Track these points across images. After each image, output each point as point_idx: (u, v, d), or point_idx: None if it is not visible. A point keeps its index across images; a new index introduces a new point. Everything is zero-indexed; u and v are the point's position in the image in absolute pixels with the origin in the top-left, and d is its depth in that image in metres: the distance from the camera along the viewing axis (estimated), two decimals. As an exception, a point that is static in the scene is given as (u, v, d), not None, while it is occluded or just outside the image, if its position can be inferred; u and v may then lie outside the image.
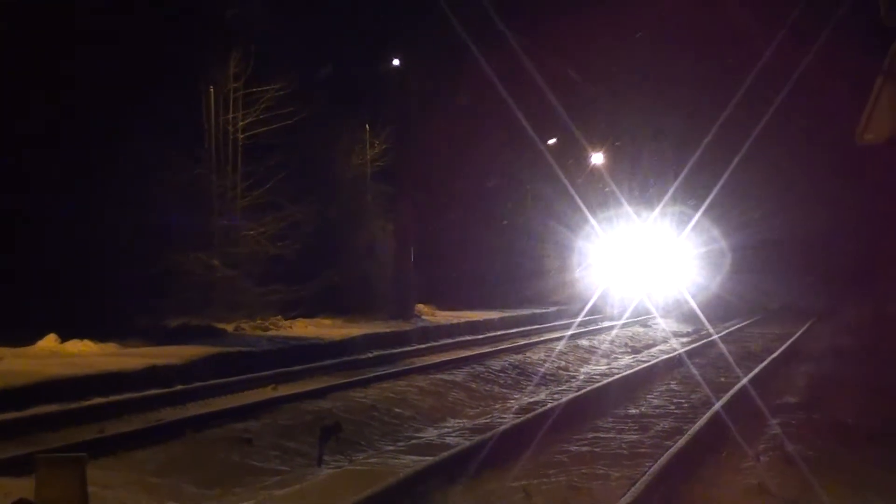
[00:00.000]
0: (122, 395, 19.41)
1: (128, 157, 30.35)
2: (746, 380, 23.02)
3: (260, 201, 36.75)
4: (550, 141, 49.74)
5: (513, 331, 39.22)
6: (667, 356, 29.75)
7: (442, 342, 33.82)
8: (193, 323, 30.45)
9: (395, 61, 42.76)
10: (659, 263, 51.56)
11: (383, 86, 43.20)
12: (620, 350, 33.93)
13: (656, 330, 40.21)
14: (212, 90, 35.50)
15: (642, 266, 51.00)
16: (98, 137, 29.53)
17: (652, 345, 35.50)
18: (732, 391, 20.99)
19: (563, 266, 53.47)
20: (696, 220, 47.34)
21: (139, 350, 24.49)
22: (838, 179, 46.63)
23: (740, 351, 32.82)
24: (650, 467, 13.58)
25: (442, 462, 13.88)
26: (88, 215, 29.57)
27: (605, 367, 28.83)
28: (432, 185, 46.51)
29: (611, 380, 24.43)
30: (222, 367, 23.66)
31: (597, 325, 40.20)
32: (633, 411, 20.10)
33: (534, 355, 29.66)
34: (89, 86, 28.97)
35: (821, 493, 12.28)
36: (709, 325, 37.45)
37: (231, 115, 36.30)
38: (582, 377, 26.50)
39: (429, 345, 32.75)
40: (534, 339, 34.53)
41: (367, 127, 43.48)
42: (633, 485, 12.53)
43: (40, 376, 19.47)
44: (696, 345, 33.76)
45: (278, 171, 36.48)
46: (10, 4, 26.48)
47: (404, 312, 40.98)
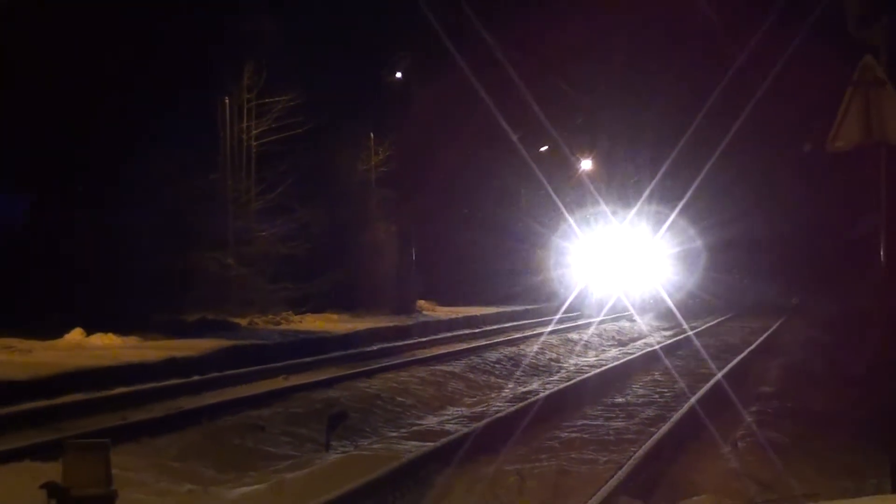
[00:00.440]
0: (144, 385, 19.37)
1: (150, 164, 30.36)
2: (724, 371, 23.01)
3: (272, 204, 36.82)
4: (542, 149, 49.68)
5: (507, 325, 39.23)
6: (650, 349, 29.71)
7: (441, 335, 33.81)
8: (210, 317, 30.45)
9: (398, 74, 42.80)
10: (636, 262, 50.56)
11: (386, 97, 43.24)
12: (608, 343, 33.93)
13: (636, 326, 39.44)
14: (227, 101, 35.55)
15: (620, 265, 49.90)
16: (122, 146, 29.55)
17: (636, 338, 35.39)
18: (711, 382, 20.98)
19: (545, 265, 52.58)
20: (673, 219, 46.30)
21: (159, 343, 24.47)
22: (811, 182, 45.94)
23: (718, 345, 32.80)
24: (635, 452, 13.59)
25: (441, 448, 13.88)
26: (112, 217, 29.58)
27: (593, 359, 28.84)
28: (432, 189, 46.50)
29: (599, 370, 24.44)
30: (237, 358, 23.65)
31: (574, 322, 39.68)
32: (620, 400, 20.09)
33: (527, 348, 29.65)
34: (115, 97, 29.00)
35: (794, 476, 12.28)
36: (684, 323, 36.70)
37: (245, 124, 36.36)
38: (572, 368, 26.50)
39: (429, 338, 32.73)
40: (527, 332, 34.49)
41: (372, 135, 43.50)
42: (620, 468, 12.53)
43: (67, 367, 19.47)
44: (677, 339, 33.71)
45: (289, 177, 36.59)
46: (44, 23, 26.46)
47: (406, 308, 41.01)
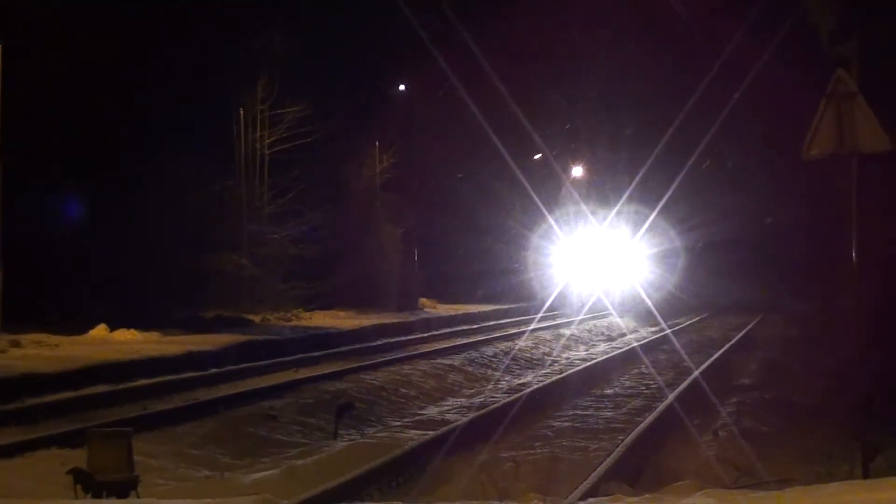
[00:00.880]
0: (163, 378, 19.39)
1: (170, 170, 30.40)
2: (705, 365, 23.03)
3: (283, 209, 36.85)
4: (536, 157, 49.58)
5: (503, 321, 39.21)
6: (636, 344, 29.67)
7: (442, 331, 33.80)
8: (225, 314, 30.45)
9: (401, 87, 42.83)
10: (616, 263, 49.30)
11: (390, 108, 43.29)
12: (597, 338, 33.92)
13: (618, 324, 38.50)
14: (242, 112, 35.60)
15: (600, 265, 48.62)
16: (145, 153, 29.58)
17: (621, 335, 35.23)
18: (693, 375, 20.95)
19: (532, 265, 51.53)
20: (653, 220, 44.75)
21: (178, 338, 24.46)
22: (786, 186, 45.26)
23: (700, 340, 32.83)
24: (623, 441, 13.60)
25: (442, 436, 13.90)
26: (134, 220, 29.61)
27: (584, 353, 28.86)
28: (432, 194, 46.51)
29: (589, 364, 24.45)
30: (251, 353, 23.64)
31: (558, 320, 39.23)
32: (609, 391, 20.10)
33: (522, 342, 29.64)
34: (139, 108, 29.05)
35: (771, 462, 12.28)
36: (664, 321, 35.80)
37: (258, 134, 36.39)
38: (564, 361, 26.50)
39: (430, 333, 32.74)
40: (522, 328, 34.46)
41: (377, 144, 43.49)
42: (609, 455, 12.54)
43: (92, 361, 19.46)
44: (660, 335, 33.59)
45: (299, 183, 36.66)
46: (73, 44, 26.48)
47: (409, 305, 41.03)
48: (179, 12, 30.46)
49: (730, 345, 29.28)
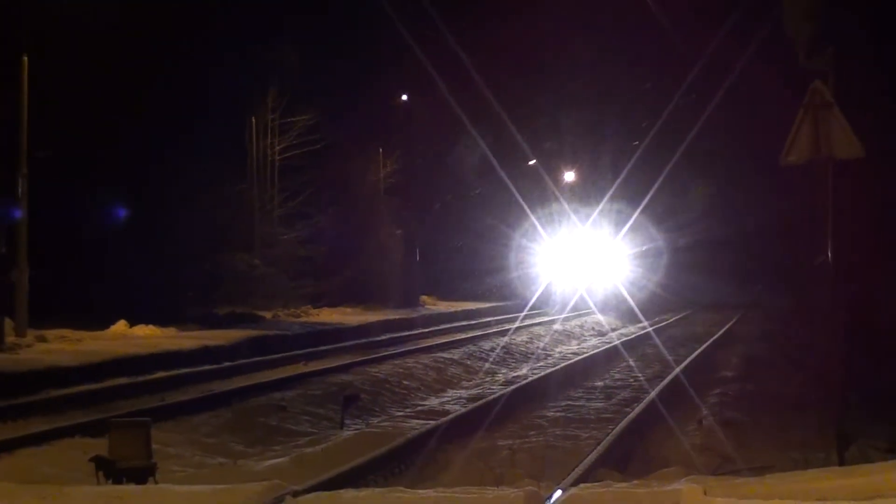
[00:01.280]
0: (180, 370, 19.38)
1: (187, 175, 30.41)
2: (689, 359, 23.04)
3: (292, 211, 36.87)
4: (531, 162, 49.52)
5: (499, 317, 39.15)
6: (623, 339, 29.67)
7: (442, 327, 33.80)
8: (238, 311, 30.46)
9: (403, 97, 42.83)
10: (598, 261, 48.38)
11: (393, 117, 43.32)
12: (589, 334, 33.90)
13: (602, 322, 37.76)
14: (254, 120, 35.61)
15: (583, 264, 47.52)
16: (163, 159, 29.59)
17: (608, 332, 35.03)
18: (678, 368, 20.95)
19: (515, 264, 50.81)
20: (635, 220, 44.45)
21: (194, 333, 24.46)
22: (764, 188, 44.49)
23: (685, 336, 32.81)
24: (613, 430, 13.59)
25: (442, 425, 13.88)
26: (153, 222, 29.63)
27: (576, 347, 28.85)
28: (432, 198, 46.51)
29: (580, 358, 24.44)
30: (262, 347, 23.66)
31: (541, 318, 38.77)
32: (599, 383, 20.07)
33: (517, 337, 29.63)
34: (159, 118, 29.08)
35: (752, 449, 12.28)
36: (645, 319, 35.22)
37: (269, 141, 36.41)
38: (557, 355, 26.49)
39: (431, 329, 32.73)
40: (517, 324, 34.43)
41: (380, 150, 43.53)
42: (599, 444, 12.54)
43: (113, 355, 19.48)
44: (646, 332, 33.51)
45: (308, 187, 36.69)
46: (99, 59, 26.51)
47: (411, 302, 41.08)
48: (197, 29, 30.48)
49: (712, 340, 29.27)
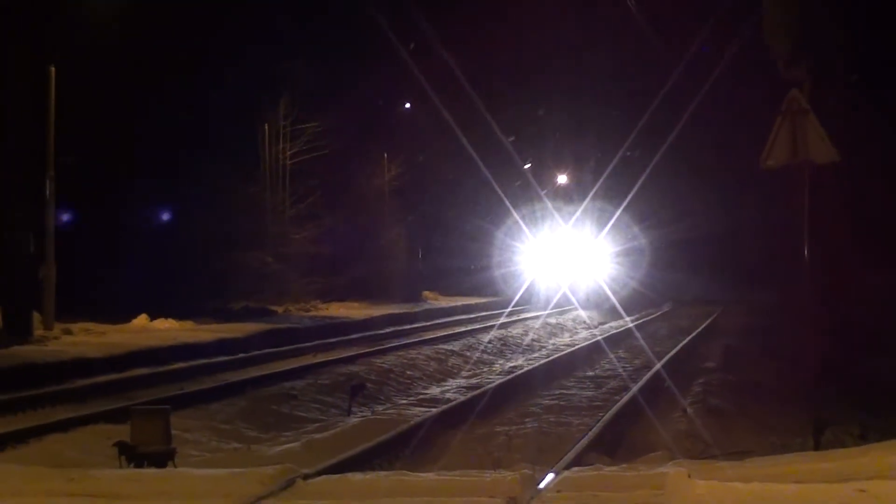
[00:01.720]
0: (197, 361, 19.39)
1: (204, 179, 30.43)
2: (674, 351, 23.03)
3: (303, 212, 36.87)
4: (526, 166, 49.46)
5: (497, 311, 39.07)
6: (607, 335, 29.61)
7: (443, 320, 33.80)
8: (252, 306, 30.46)
9: (407, 105, 42.85)
10: (582, 258, 47.07)
11: (398, 124, 43.33)
12: (580, 327, 33.88)
13: (583, 318, 36.67)
14: (266, 127, 35.62)
15: (566, 261, 46.22)
16: (182, 163, 29.60)
17: (591, 327, 34.71)
18: (664, 359, 20.96)
19: (502, 262, 49.15)
20: (618, 218, 43.64)
21: (210, 326, 24.48)
22: (745, 188, 43.48)
23: (668, 330, 32.76)
24: (603, 417, 13.59)
25: (443, 412, 13.90)
26: (172, 222, 29.66)
27: (568, 339, 28.85)
28: (433, 200, 46.47)
29: (573, 349, 24.43)
30: (274, 339, 23.65)
31: (526, 314, 38.34)
32: (590, 373, 20.07)
33: (514, 330, 29.64)
34: (178, 125, 29.12)
35: (734, 435, 12.29)
36: (626, 316, 34.21)
37: (281, 146, 36.41)
38: (551, 346, 26.49)
39: (433, 322, 32.73)
40: (514, 318, 34.42)
41: (385, 155, 43.54)
42: (590, 430, 12.54)
43: (134, 346, 19.49)
44: (627, 328, 33.34)
45: (317, 189, 36.72)
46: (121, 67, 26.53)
47: (414, 297, 41.10)
48: (213, 41, 30.52)
49: (696, 333, 29.24)
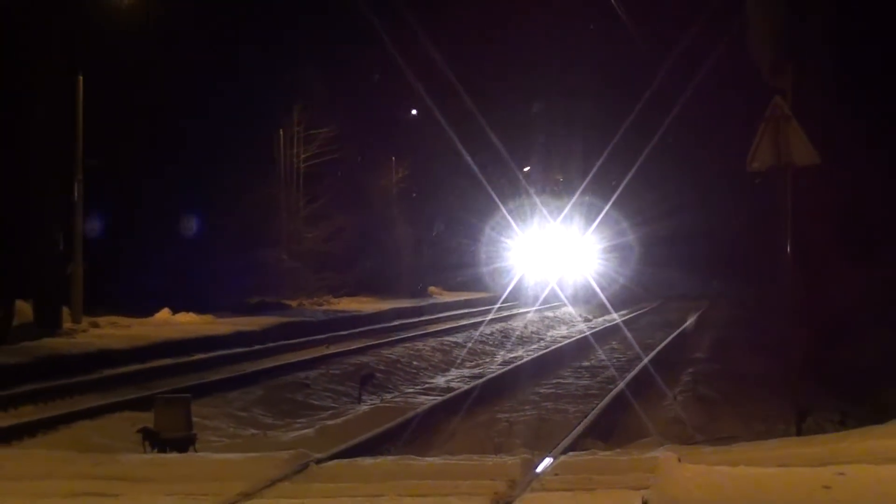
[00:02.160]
0: (217, 353, 19.41)
1: (224, 182, 30.46)
2: (664, 343, 23.03)
3: (316, 212, 36.88)
4: (526, 169, 49.36)
5: (496, 306, 39.04)
6: (608, 325, 29.63)
7: (447, 314, 33.80)
8: (267, 300, 30.49)
9: (413, 111, 42.86)
10: (570, 255, 45.64)
11: (404, 129, 43.36)
12: (579, 320, 33.83)
13: (572, 314, 35.41)
14: (281, 133, 35.66)
15: (555, 257, 44.84)
16: (203, 168, 29.61)
17: (586, 320, 34.52)
18: (655, 350, 20.97)
19: (491, 259, 47.84)
20: (605, 216, 42.28)
21: (229, 320, 24.49)
22: (731, 186, 42.54)
23: (658, 324, 32.70)
24: (598, 404, 13.60)
25: (448, 400, 13.92)
26: (193, 223, 29.69)
27: (565, 331, 28.85)
28: (438, 201, 46.46)
29: (569, 341, 24.43)
30: (289, 332, 23.67)
31: (517, 309, 37.74)
32: (586, 363, 20.08)
33: (514, 323, 29.64)
34: (197, 131, 29.17)
35: (720, 421, 12.29)
36: (614, 311, 33.67)
37: (295, 150, 36.43)
38: (549, 338, 26.49)
39: (437, 316, 32.74)
40: (513, 311, 34.41)
41: (393, 159, 43.58)
42: (586, 416, 12.55)
43: (157, 339, 19.53)
44: (615, 323, 33.25)
45: (329, 191, 36.78)
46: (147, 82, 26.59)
47: (420, 292, 41.15)
48: (232, 51, 30.56)
49: (684, 326, 29.19)
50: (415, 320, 30.33)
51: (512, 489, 6.08)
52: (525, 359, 20.17)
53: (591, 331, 27.66)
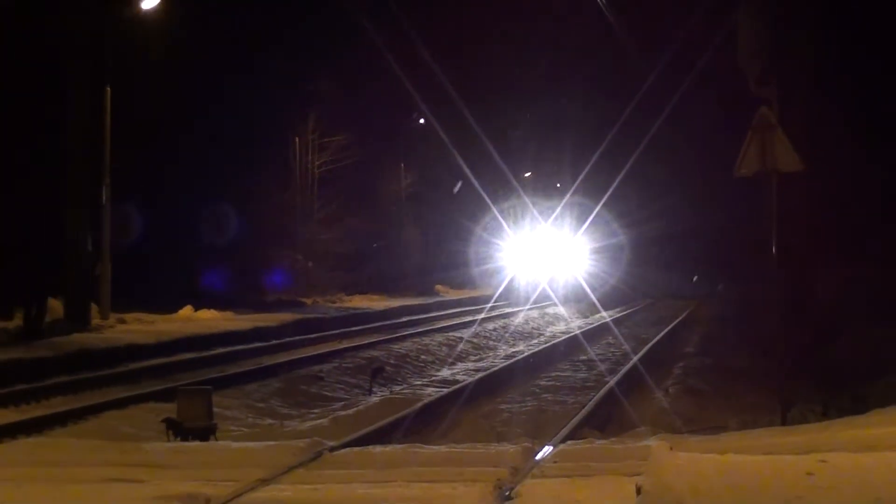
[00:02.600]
0: (236, 347, 19.38)
1: (243, 187, 30.48)
2: (657, 338, 23.03)
3: (329, 215, 36.91)
4: (526, 174, 49.28)
5: (499, 303, 39.02)
6: (603, 322, 29.55)
7: (453, 311, 33.74)
8: (284, 298, 30.52)
9: (421, 120, 42.89)
10: (561, 255, 44.48)
11: (413, 137, 43.42)
12: (575, 317, 33.78)
13: (563, 313, 34.30)
14: (297, 140, 35.71)
15: (546, 257, 43.59)
16: (224, 173, 29.63)
17: (579, 319, 34.06)
18: (648, 346, 20.97)
19: (483, 259, 46.79)
20: (596, 217, 41.27)
21: (247, 316, 24.48)
22: (721, 188, 41.52)
23: (648, 322, 32.64)
24: (594, 396, 13.60)
25: (453, 392, 13.93)
26: (214, 225, 29.73)
27: (564, 326, 28.82)
28: (445, 205, 46.40)
29: (567, 336, 24.40)
30: (304, 328, 23.65)
31: (508, 308, 36.87)
32: (583, 357, 20.07)
33: (515, 319, 29.61)
34: (217, 138, 29.20)
35: (709, 412, 12.29)
36: (604, 312, 32.83)
37: (310, 157, 36.47)
38: (548, 334, 26.46)
39: (444, 312, 32.69)
40: (514, 308, 34.33)
41: (402, 165, 43.64)
42: (583, 407, 12.56)
43: (180, 334, 19.53)
44: (621, 316, 33.41)
45: (342, 195, 36.81)
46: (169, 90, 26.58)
47: (427, 291, 41.15)
48: (250, 62, 30.58)
49: (676, 323, 29.19)
50: (422, 317, 30.32)
51: (514, 476, 6.11)
52: (526, 353, 20.18)
53: (584, 328, 27.67)
